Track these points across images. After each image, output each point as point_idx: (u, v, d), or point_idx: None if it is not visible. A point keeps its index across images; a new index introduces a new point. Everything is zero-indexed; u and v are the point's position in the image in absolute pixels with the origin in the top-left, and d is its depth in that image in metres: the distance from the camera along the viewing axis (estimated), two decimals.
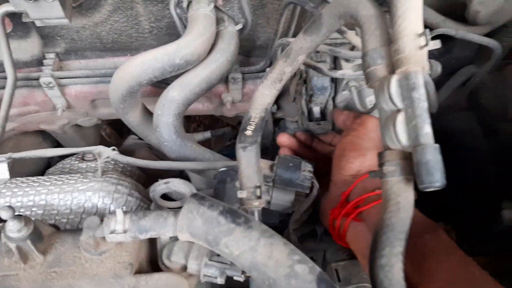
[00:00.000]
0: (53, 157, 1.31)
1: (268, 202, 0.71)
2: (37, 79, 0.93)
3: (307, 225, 0.81)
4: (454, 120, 1.28)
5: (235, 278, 0.53)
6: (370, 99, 0.86)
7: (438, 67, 0.98)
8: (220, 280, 0.52)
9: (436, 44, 0.51)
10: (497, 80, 1.27)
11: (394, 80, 0.50)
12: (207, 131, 1.45)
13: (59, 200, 0.81)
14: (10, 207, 0.47)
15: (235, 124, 1.61)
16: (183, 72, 0.84)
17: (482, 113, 1.32)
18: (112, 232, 0.48)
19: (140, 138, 1.42)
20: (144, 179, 1.05)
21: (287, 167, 0.70)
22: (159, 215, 0.50)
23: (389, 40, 0.54)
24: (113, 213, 0.49)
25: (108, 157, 0.88)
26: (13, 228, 0.48)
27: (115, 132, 1.72)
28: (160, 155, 1.27)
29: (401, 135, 0.48)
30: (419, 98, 0.47)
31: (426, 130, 0.46)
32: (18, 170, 0.94)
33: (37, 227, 0.50)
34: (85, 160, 1.03)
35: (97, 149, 0.89)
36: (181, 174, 0.99)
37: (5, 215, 0.46)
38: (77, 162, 1.03)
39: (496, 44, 0.91)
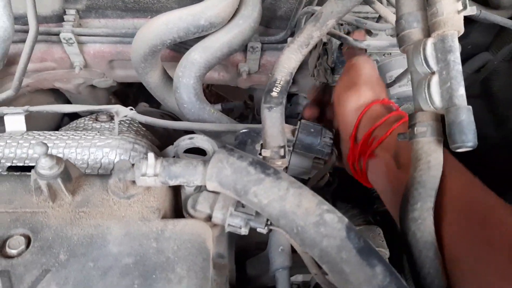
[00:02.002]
0: (63, 119, 1.33)
1: (286, 167, 0.72)
2: (57, 34, 0.93)
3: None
4: None
5: (258, 230, 0.53)
6: (390, 74, 0.87)
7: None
8: (244, 231, 0.52)
9: (473, 10, 0.51)
10: (511, 68, 1.27)
11: (430, 43, 0.50)
12: (217, 104, 1.45)
13: (77, 155, 0.81)
14: (44, 143, 0.47)
15: (243, 101, 1.61)
16: (205, 36, 0.84)
17: (493, 101, 1.32)
18: (143, 175, 0.49)
19: (151, 106, 1.42)
20: (157, 144, 1.05)
21: (309, 133, 0.70)
22: (189, 162, 0.51)
23: (424, 5, 0.54)
24: (144, 157, 0.50)
25: (125, 116, 0.88)
26: (45, 165, 0.48)
27: (120, 102, 1.72)
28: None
29: (435, 97, 0.49)
30: (454, 61, 0.48)
31: (461, 92, 0.47)
32: (30, 126, 0.94)
33: (67, 168, 0.51)
34: (99, 121, 1.03)
35: (115, 108, 0.89)
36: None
37: (39, 150, 0.47)
38: (91, 122, 1.03)
39: None
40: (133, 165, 0.51)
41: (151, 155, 0.49)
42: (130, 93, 1.62)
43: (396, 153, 0.58)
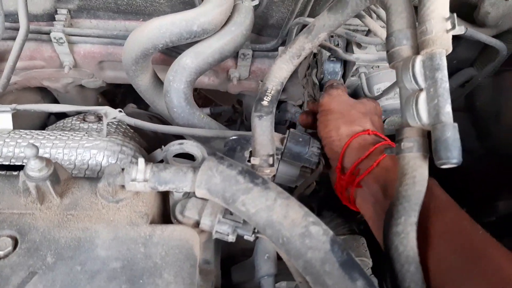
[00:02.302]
0: (49, 117, 1.32)
1: (273, 175, 0.73)
2: (48, 33, 0.92)
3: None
4: None
5: (245, 237, 0.54)
6: (377, 87, 0.88)
7: None
8: (232, 238, 0.53)
9: (461, 30, 0.52)
10: (494, 84, 1.31)
11: (419, 60, 0.51)
12: (206, 108, 1.45)
13: (64, 155, 0.81)
14: (34, 145, 0.47)
15: (231, 106, 1.61)
16: (196, 42, 0.84)
17: (477, 115, 1.35)
18: (133, 180, 0.49)
19: (139, 107, 1.42)
20: (145, 146, 1.05)
21: (297, 142, 0.71)
22: (179, 169, 0.51)
23: (414, 23, 0.55)
24: (134, 162, 0.50)
25: (114, 118, 0.88)
26: (35, 167, 0.48)
27: (108, 102, 1.70)
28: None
29: (422, 113, 0.50)
30: (442, 79, 0.49)
31: (447, 109, 0.48)
32: (16, 125, 0.93)
33: (56, 170, 0.51)
34: (86, 121, 1.03)
35: (104, 109, 0.89)
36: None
37: (29, 152, 0.46)
38: (78, 122, 1.02)
39: (503, 46, 0.94)
40: (123, 169, 0.51)
41: (141, 161, 0.49)
42: (118, 93, 1.61)
43: (385, 185, 0.60)
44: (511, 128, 1.30)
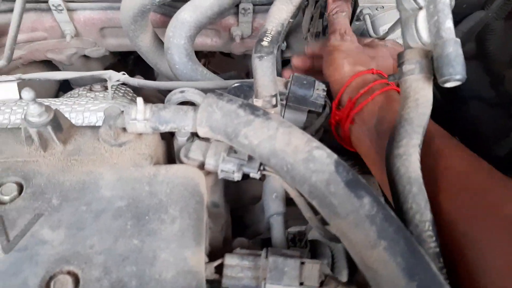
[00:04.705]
0: (58, 93, 1.32)
1: None
2: (46, 1, 0.92)
3: None
4: None
5: (251, 175, 0.53)
6: (383, 28, 0.86)
7: (452, 1, 0.97)
8: (237, 176, 0.52)
9: None
10: (507, 28, 1.26)
11: None
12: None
13: (70, 119, 0.81)
14: (30, 88, 0.47)
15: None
16: None
17: (489, 61, 1.31)
18: (133, 120, 0.49)
19: (144, 78, 1.42)
20: None
21: (301, 85, 0.70)
22: (179, 108, 0.51)
23: None
24: (133, 103, 0.50)
25: (118, 80, 0.88)
26: (34, 112, 0.48)
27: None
28: (165, 95, 1.27)
29: (423, 32, 0.48)
30: None
31: (448, 25, 0.46)
32: None
33: (57, 117, 0.50)
34: (93, 91, 1.03)
35: (108, 73, 0.89)
36: None
37: (26, 95, 0.46)
38: (85, 92, 1.03)
39: None
40: (122, 112, 0.51)
41: (140, 100, 0.49)
42: (126, 72, 1.61)
43: (377, 121, 0.59)
44: None
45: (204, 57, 1.54)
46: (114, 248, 0.44)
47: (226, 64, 1.64)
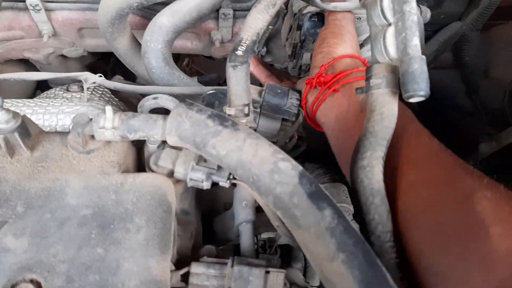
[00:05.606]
0: (35, 93, 1.31)
1: (254, 130, 0.72)
2: (23, 0, 0.91)
3: None
4: (440, 77, 1.31)
5: (220, 184, 0.54)
6: (360, 39, 0.87)
7: (427, 13, 0.98)
8: (206, 185, 0.53)
9: None
10: (483, 39, 1.29)
11: None
12: (194, 77, 1.44)
13: (44, 121, 0.81)
14: None
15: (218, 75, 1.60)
16: (173, 0, 0.83)
17: (465, 71, 1.34)
18: (101, 128, 0.49)
19: (125, 77, 1.41)
20: None
21: (275, 93, 0.71)
22: (148, 117, 0.51)
23: None
24: (102, 111, 0.50)
25: (94, 83, 0.87)
26: (1, 119, 0.47)
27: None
28: (144, 96, 1.27)
29: (390, 47, 0.49)
30: (409, 11, 0.48)
31: (415, 42, 0.47)
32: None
33: (25, 123, 0.50)
34: (69, 91, 1.02)
35: (84, 75, 0.88)
36: None
37: None
38: (61, 92, 1.02)
39: None
40: (91, 119, 0.50)
41: (108, 108, 0.49)
42: (107, 70, 1.60)
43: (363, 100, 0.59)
44: (499, 83, 1.29)
45: (188, 56, 1.54)
46: (78, 257, 0.44)
47: (210, 64, 1.64)
